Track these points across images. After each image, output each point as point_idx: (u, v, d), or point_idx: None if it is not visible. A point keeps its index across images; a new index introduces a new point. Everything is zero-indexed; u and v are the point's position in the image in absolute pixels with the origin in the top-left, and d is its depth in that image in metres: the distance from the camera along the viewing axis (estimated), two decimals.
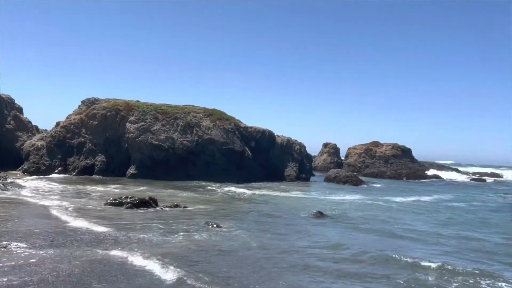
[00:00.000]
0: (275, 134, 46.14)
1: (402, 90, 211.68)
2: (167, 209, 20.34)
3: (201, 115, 40.20)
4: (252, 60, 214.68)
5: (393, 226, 19.50)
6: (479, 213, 26.20)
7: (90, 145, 37.98)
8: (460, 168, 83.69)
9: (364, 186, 44.88)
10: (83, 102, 44.00)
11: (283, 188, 35.97)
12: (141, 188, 29.02)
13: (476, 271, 11.85)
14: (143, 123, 37.92)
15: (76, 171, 36.68)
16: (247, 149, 40.69)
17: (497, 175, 79.54)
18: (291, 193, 32.06)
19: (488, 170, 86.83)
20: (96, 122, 38.65)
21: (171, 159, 37.27)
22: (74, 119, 39.58)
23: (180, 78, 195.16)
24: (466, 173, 77.86)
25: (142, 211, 19.35)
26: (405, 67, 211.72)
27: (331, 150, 71.53)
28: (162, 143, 37.37)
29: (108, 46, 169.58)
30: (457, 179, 69.69)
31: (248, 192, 30.87)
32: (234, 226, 16.97)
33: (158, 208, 20.22)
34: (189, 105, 43.51)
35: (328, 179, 47.86)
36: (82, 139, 38.22)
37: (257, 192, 31.35)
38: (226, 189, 31.88)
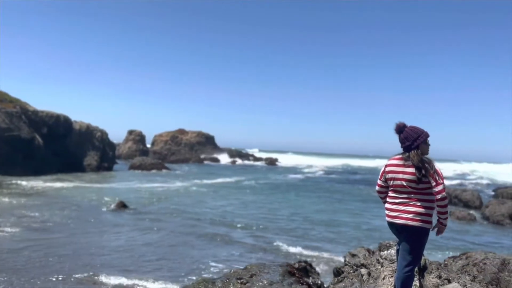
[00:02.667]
0: (73, 120, 41.96)
1: (209, 83, 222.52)
2: None
3: None
4: (51, 44, 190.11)
5: (197, 211, 20.18)
6: (264, 191, 29.87)
7: None
8: (256, 154, 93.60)
9: (171, 172, 45.41)
10: None
11: (82, 178, 33.08)
12: None
13: None
14: None
15: None
16: (38, 136, 35.69)
17: (276, 160, 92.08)
18: (91, 184, 29.71)
19: (274, 155, 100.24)
20: None
21: None
22: None
23: None
24: (261, 159, 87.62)
25: None
26: (214, 62, 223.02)
27: (137, 137, 69.61)
28: None
29: None
30: (253, 163, 77.87)
31: (38, 185, 27.12)
32: (15, 225, 14.57)
33: None
34: None
35: (133, 167, 46.47)
36: None
37: (49, 184, 27.82)
38: (11, 182, 27.26)
